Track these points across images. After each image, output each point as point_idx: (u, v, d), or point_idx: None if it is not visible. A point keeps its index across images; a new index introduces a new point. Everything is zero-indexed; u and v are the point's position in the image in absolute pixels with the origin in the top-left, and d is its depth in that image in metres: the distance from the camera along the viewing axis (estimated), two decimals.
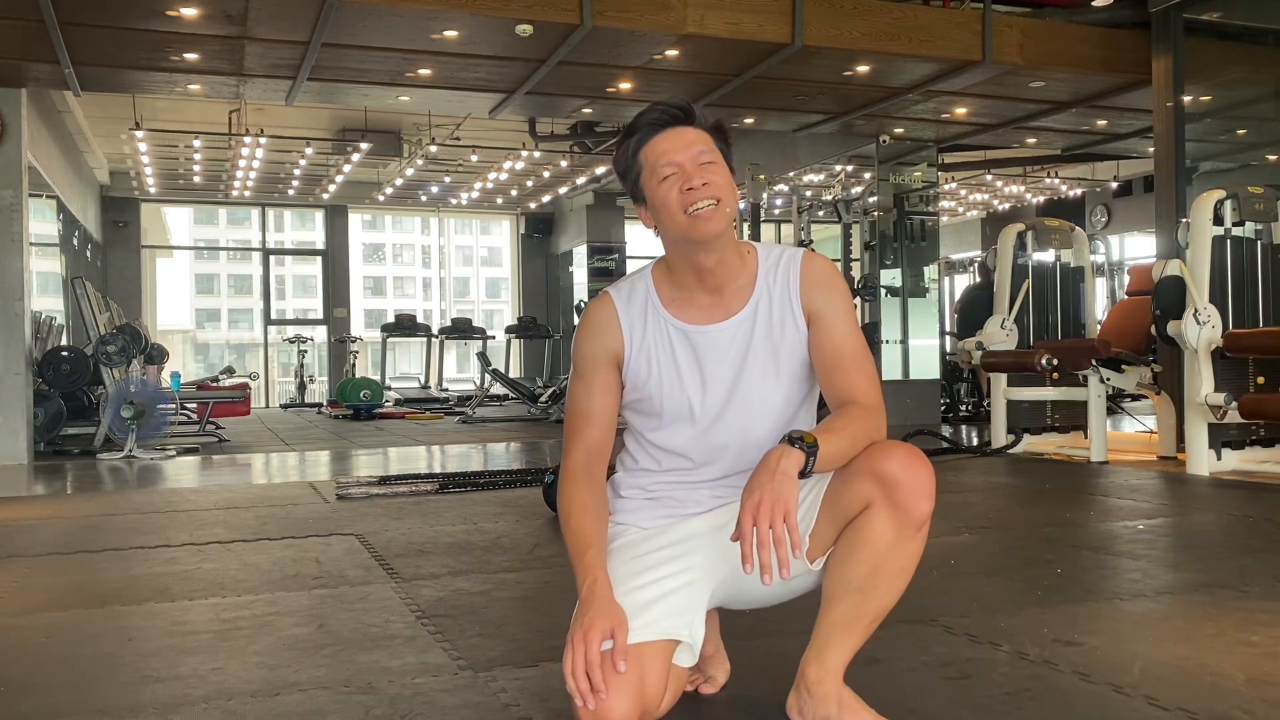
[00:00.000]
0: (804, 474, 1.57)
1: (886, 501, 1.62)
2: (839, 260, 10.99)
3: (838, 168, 11.84)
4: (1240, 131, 8.25)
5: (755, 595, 1.81)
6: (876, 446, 1.66)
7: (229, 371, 13.00)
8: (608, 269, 15.16)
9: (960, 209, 15.73)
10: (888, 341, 9.67)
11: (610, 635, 1.59)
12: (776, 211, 14.56)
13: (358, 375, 13.50)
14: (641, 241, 16.46)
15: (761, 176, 9.97)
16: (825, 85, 7.62)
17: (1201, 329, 5.38)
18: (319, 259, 16.43)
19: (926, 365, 9.80)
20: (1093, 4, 7.44)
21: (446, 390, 14.65)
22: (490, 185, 13.92)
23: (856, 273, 10.78)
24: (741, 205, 9.81)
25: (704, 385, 1.79)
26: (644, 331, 1.81)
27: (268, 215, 16.01)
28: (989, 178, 13.22)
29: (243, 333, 33.98)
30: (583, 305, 11.77)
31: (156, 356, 9.30)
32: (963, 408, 10.01)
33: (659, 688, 1.64)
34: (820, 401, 1.87)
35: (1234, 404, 5.22)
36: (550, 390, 10.92)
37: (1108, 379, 6.16)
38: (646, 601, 1.68)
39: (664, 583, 1.71)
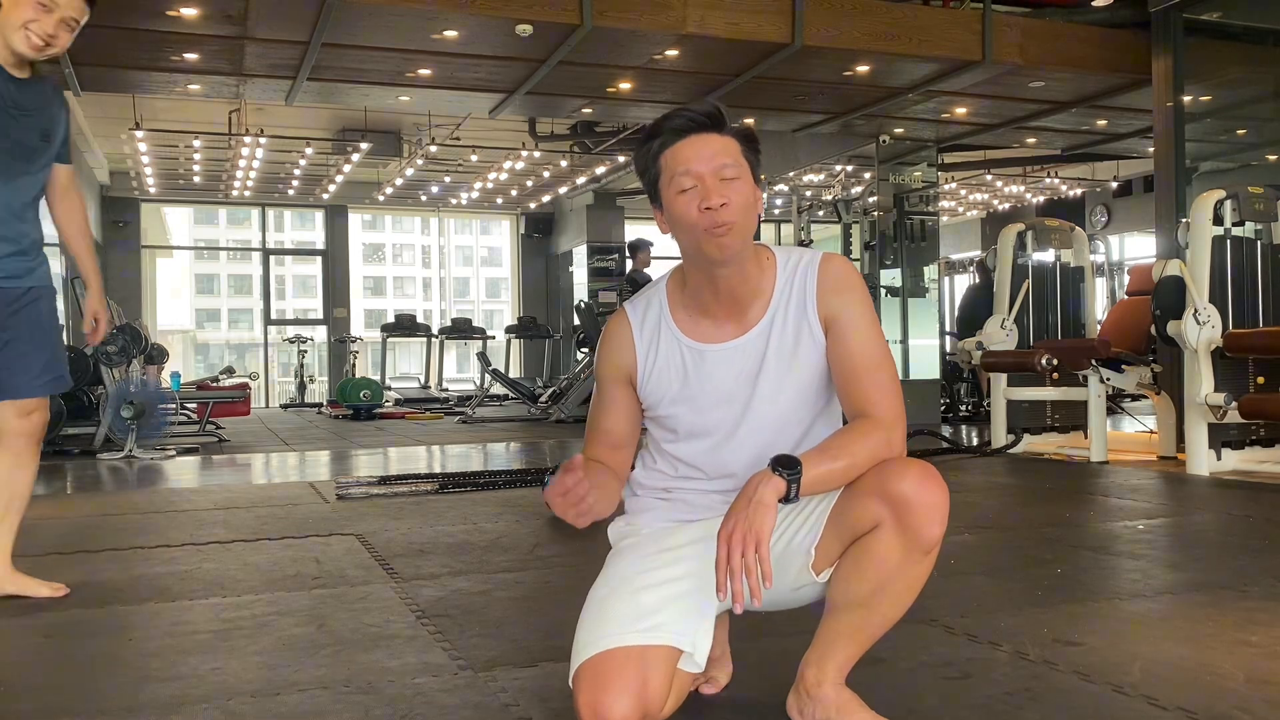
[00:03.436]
0: (788, 499, 1.56)
1: (896, 523, 1.58)
2: None
3: (838, 168, 11.84)
4: (1240, 131, 8.25)
5: (762, 602, 1.80)
6: (889, 465, 1.61)
7: (229, 371, 12.99)
8: (608, 269, 15.16)
9: (960, 209, 15.73)
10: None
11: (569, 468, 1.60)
12: (776, 211, 14.57)
13: (358, 375, 13.50)
14: None
15: (762, 176, 9.98)
16: (825, 85, 7.63)
17: (1201, 329, 5.38)
18: (319, 259, 16.44)
19: (926, 365, 9.81)
20: (1093, 4, 7.45)
21: (446, 390, 14.64)
22: (490, 185, 13.92)
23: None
24: None
25: (716, 404, 1.76)
26: (657, 351, 1.79)
27: (268, 215, 16.02)
28: (989, 178, 13.22)
29: (243, 333, 33.98)
30: (583, 305, 11.76)
31: (156, 356, 9.29)
32: (963, 408, 10.01)
33: (661, 692, 1.63)
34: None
35: (1234, 404, 5.22)
36: (550, 390, 10.91)
37: (1108, 379, 6.16)
38: (653, 605, 1.67)
39: (671, 586, 1.70)
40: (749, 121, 8.72)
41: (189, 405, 9.34)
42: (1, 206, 2.68)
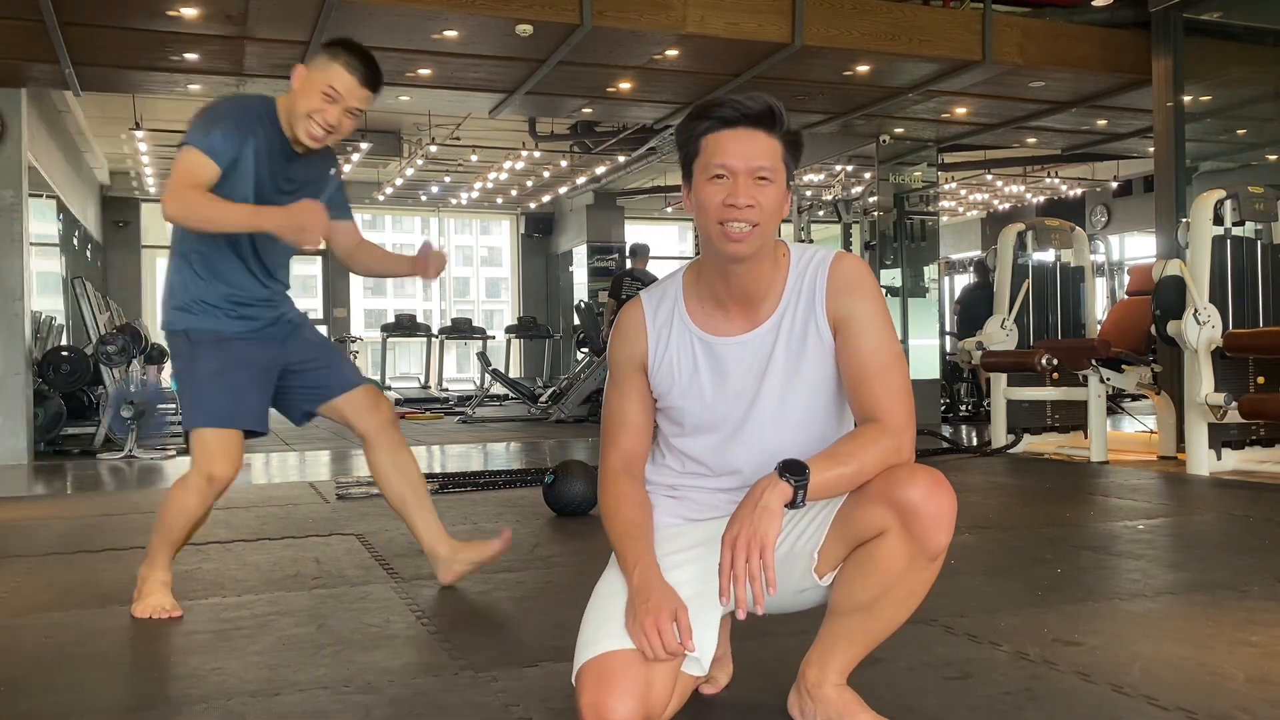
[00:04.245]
0: (794, 505, 1.55)
1: (903, 531, 1.58)
2: None
3: (838, 168, 11.84)
4: (1240, 131, 8.25)
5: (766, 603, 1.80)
6: (897, 472, 1.60)
7: None
8: (608, 269, 15.16)
9: (960, 209, 15.73)
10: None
11: (675, 619, 1.60)
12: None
13: None
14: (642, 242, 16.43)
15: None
16: (825, 85, 7.62)
17: (1201, 329, 5.38)
18: (319, 259, 16.43)
19: (926, 365, 9.80)
20: (1093, 4, 7.44)
21: (446, 390, 14.64)
22: (490, 185, 13.92)
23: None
24: None
25: (724, 398, 1.75)
26: (668, 341, 1.77)
27: None
28: (989, 178, 13.22)
29: None
30: (583, 305, 11.77)
31: (156, 356, 9.29)
32: (963, 408, 10.01)
33: (664, 694, 1.63)
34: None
35: (1234, 404, 5.22)
36: (550, 390, 10.91)
37: (1108, 379, 6.16)
38: None
39: (677, 589, 1.68)
40: None
41: None
42: (260, 271, 2.74)
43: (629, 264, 10.88)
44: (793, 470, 1.55)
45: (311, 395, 2.89)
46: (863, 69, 7.22)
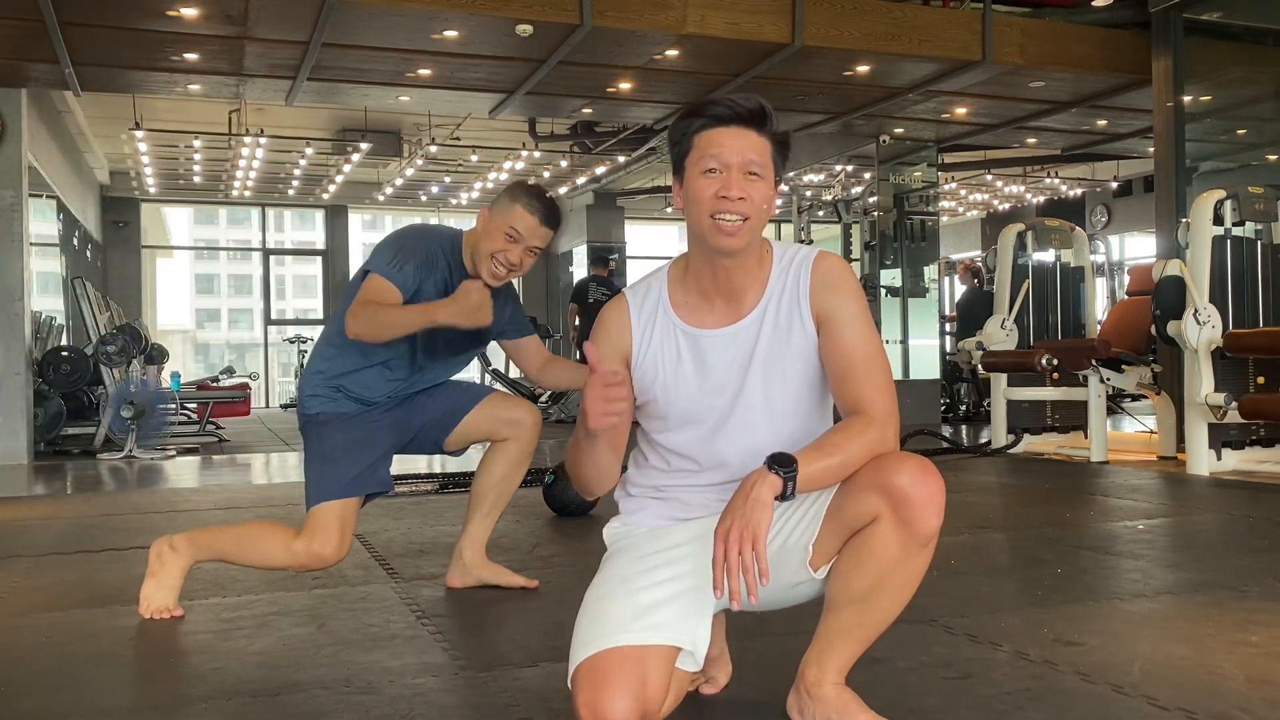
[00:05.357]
0: (784, 497, 1.56)
1: (894, 517, 1.60)
2: None
3: (838, 168, 11.83)
4: (1240, 131, 8.25)
5: (759, 599, 1.80)
6: (886, 459, 1.62)
7: (229, 371, 12.99)
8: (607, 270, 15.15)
9: (960, 209, 15.72)
10: (888, 341, 9.68)
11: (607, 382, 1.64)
12: (777, 211, 14.55)
13: None
14: (642, 242, 16.44)
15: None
16: (825, 85, 7.62)
17: (1201, 329, 5.38)
18: (319, 259, 16.43)
19: (926, 365, 9.81)
20: (1093, 4, 7.44)
21: None
22: (490, 185, 13.90)
23: (856, 272, 10.76)
24: None
25: (708, 391, 1.77)
26: (652, 335, 1.80)
27: (268, 215, 16.00)
28: (989, 178, 13.22)
29: (243, 333, 33.84)
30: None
31: (156, 356, 9.29)
32: (963, 408, 10.01)
33: (660, 690, 1.63)
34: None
35: (1234, 404, 5.22)
36: (550, 390, 10.91)
37: (1108, 379, 6.16)
38: (651, 604, 1.67)
39: (669, 585, 1.70)
40: None
41: (189, 405, 9.34)
42: (427, 379, 2.86)
43: (590, 271, 11.44)
44: (781, 463, 1.57)
45: (443, 423, 2.91)
46: (863, 69, 7.23)
